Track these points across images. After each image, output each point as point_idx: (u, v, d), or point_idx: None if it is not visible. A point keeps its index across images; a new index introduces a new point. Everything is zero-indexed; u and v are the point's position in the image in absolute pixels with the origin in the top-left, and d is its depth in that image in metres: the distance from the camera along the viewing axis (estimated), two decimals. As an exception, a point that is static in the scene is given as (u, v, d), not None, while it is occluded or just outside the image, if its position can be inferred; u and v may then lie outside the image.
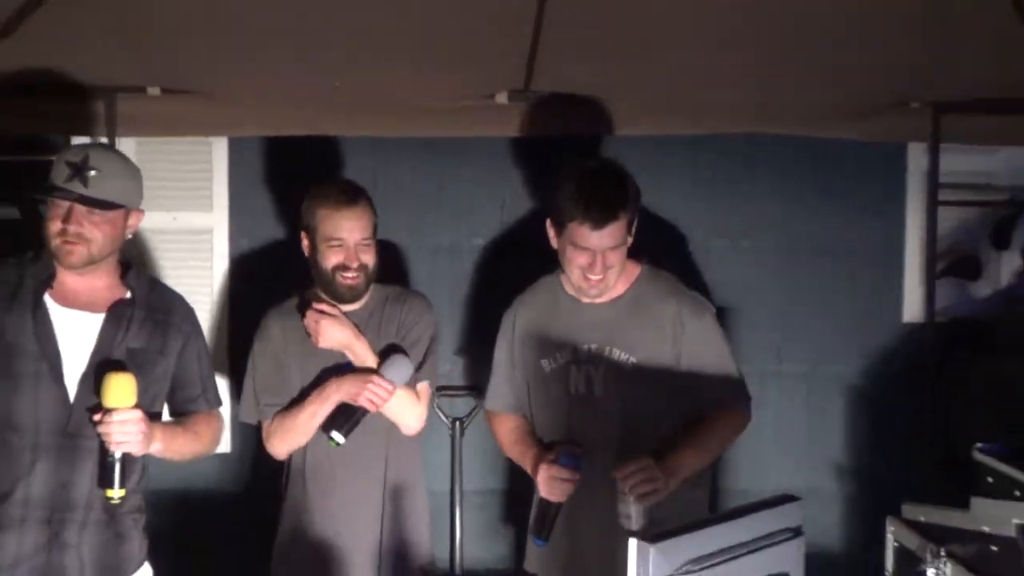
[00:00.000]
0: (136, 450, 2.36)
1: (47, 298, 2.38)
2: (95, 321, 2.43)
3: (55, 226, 2.35)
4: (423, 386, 2.84)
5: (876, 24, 2.89)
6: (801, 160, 3.71)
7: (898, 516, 2.28)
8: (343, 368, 2.78)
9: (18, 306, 2.35)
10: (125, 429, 2.32)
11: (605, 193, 2.60)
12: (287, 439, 2.79)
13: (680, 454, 2.61)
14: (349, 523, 2.80)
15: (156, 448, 2.43)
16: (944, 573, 2.04)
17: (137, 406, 2.33)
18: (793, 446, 3.71)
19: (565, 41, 2.98)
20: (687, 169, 3.60)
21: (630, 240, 2.69)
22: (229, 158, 3.73)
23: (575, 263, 2.64)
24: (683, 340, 2.70)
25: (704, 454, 2.71)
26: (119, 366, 2.38)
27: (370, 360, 2.76)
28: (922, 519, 2.20)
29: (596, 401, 2.71)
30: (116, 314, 2.46)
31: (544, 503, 2.62)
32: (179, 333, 2.60)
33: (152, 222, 3.70)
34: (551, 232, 2.74)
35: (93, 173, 2.36)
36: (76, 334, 2.40)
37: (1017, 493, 1.88)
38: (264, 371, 2.84)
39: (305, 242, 2.82)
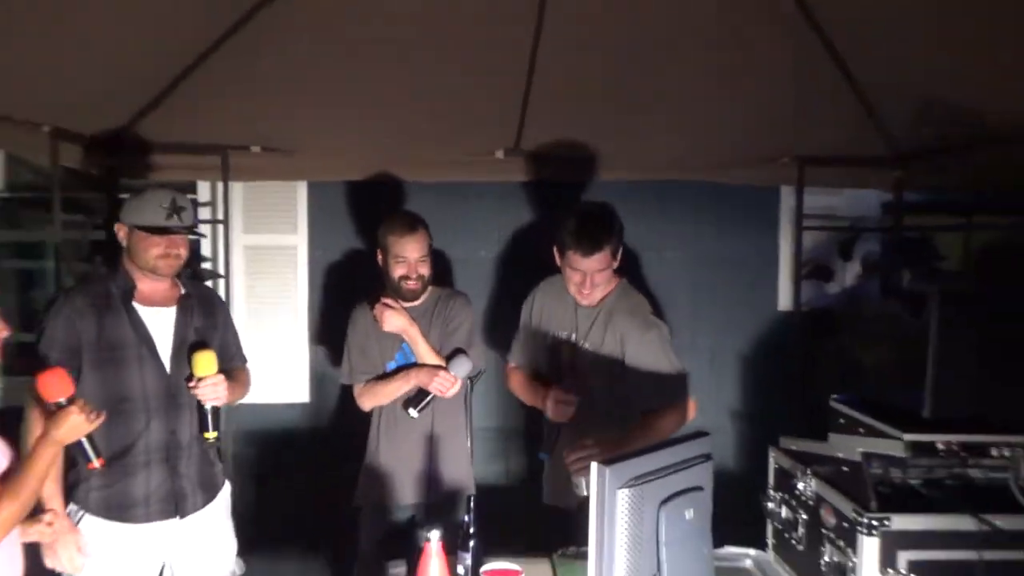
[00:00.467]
0: (222, 404, 2.41)
1: (134, 302, 2.36)
2: (170, 313, 2.42)
3: (158, 250, 2.32)
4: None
5: (758, 105, 2.90)
6: (707, 197, 3.69)
7: (777, 446, 2.28)
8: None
9: (114, 311, 2.32)
10: (215, 391, 2.37)
11: (593, 229, 2.46)
12: (374, 400, 2.79)
13: (625, 438, 2.38)
14: (406, 458, 2.79)
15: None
16: (810, 486, 2.03)
17: (218, 372, 2.37)
18: (704, 397, 3.69)
19: (543, 115, 2.99)
20: (630, 203, 3.52)
21: (615, 264, 2.56)
22: (308, 196, 3.70)
23: (571, 281, 2.55)
24: (627, 348, 2.53)
25: (642, 441, 2.31)
26: (202, 345, 2.41)
27: (420, 342, 2.73)
28: (794, 448, 2.19)
29: (579, 374, 2.61)
30: (183, 306, 2.45)
31: (550, 425, 2.60)
32: (220, 313, 2.61)
33: (255, 241, 3.70)
34: (557, 255, 2.60)
35: (184, 212, 2.36)
36: (160, 324, 2.40)
37: (861, 430, 1.88)
38: (355, 351, 2.83)
39: (380, 257, 2.79)
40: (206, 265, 3.63)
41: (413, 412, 2.66)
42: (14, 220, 3.75)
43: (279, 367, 3.70)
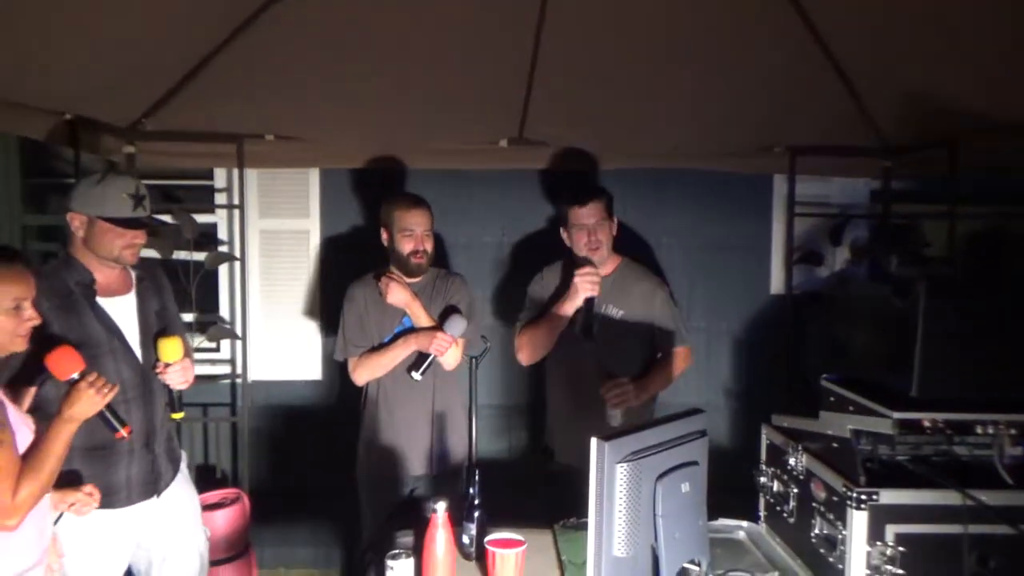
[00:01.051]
0: (188, 386, 2.34)
1: (96, 296, 2.21)
2: (130, 300, 2.30)
3: (124, 240, 2.18)
4: (462, 338, 2.76)
5: (751, 96, 2.88)
6: (702, 185, 3.66)
7: (769, 423, 2.26)
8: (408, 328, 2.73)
9: (78, 309, 2.16)
10: (184, 375, 2.30)
11: (584, 185, 2.91)
12: (370, 372, 2.74)
13: (647, 378, 2.75)
14: (409, 433, 2.76)
15: None
16: (801, 461, 2.02)
17: (183, 356, 2.29)
18: (698, 376, 3.70)
19: (543, 106, 2.97)
20: (628, 190, 3.55)
21: (614, 229, 2.78)
22: (320, 183, 3.68)
23: (579, 242, 2.71)
24: (643, 307, 2.76)
25: (660, 379, 2.81)
26: (166, 332, 2.30)
27: (422, 316, 2.70)
28: (786, 424, 2.17)
29: (594, 337, 2.68)
30: (140, 291, 2.33)
31: (586, 304, 2.63)
32: (166, 287, 2.47)
33: (269, 226, 3.68)
34: (564, 235, 2.80)
35: (146, 201, 2.23)
36: (123, 314, 2.26)
37: (851, 408, 1.86)
38: (351, 324, 2.77)
39: (385, 235, 2.76)
40: (223, 248, 3.61)
41: (416, 375, 2.63)
42: (41, 204, 3.73)
43: (292, 346, 3.69)
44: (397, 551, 1.79)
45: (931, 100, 2.65)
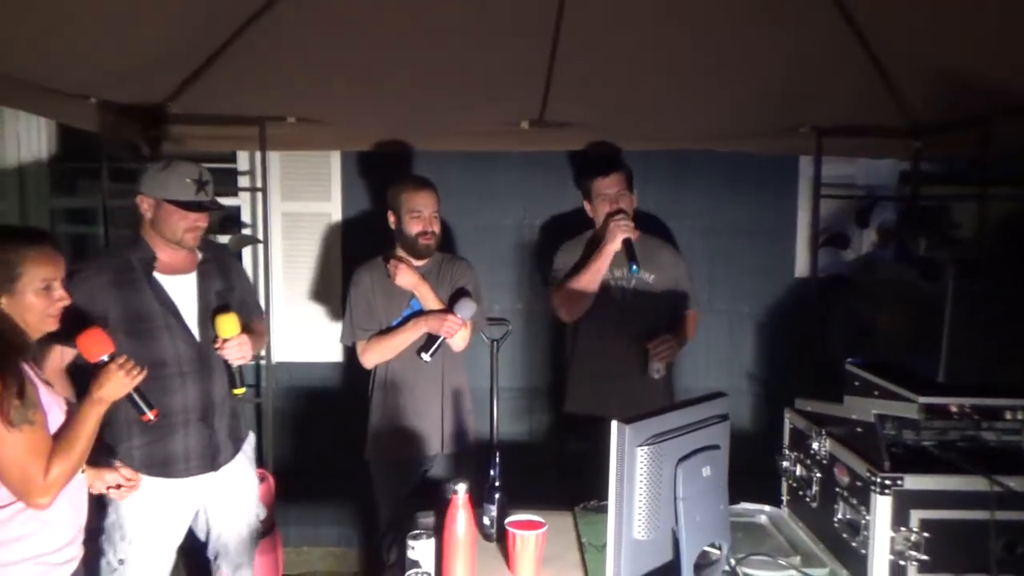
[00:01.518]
0: (246, 361, 2.43)
1: (155, 273, 2.33)
2: (190, 280, 2.40)
3: (187, 222, 2.30)
4: (470, 320, 2.78)
5: (777, 74, 2.82)
6: (725, 167, 3.60)
7: (792, 407, 2.24)
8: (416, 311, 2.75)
9: (136, 284, 2.29)
10: (240, 350, 2.39)
11: (604, 156, 3.08)
12: (379, 354, 2.75)
13: (678, 336, 2.94)
14: (421, 414, 2.77)
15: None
16: (824, 445, 2.00)
17: (241, 332, 2.38)
18: (721, 359, 3.68)
19: (565, 88, 2.94)
20: (649, 172, 3.52)
21: (634, 201, 2.94)
22: (341, 165, 3.68)
23: (603, 211, 2.89)
24: (678, 269, 3.02)
25: (686, 334, 3.04)
26: (224, 308, 2.39)
27: (431, 298, 2.71)
28: (809, 409, 2.16)
29: (626, 304, 2.91)
30: (203, 271, 2.43)
31: (626, 245, 2.79)
32: (235, 271, 2.59)
33: (291, 208, 3.70)
34: (588, 208, 2.99)
35: (209, 186, 2.33)
36: (182, 292, 2.37)
37: (876, 393, 1.84)
38: (358, 307, 2.78)
39: (392, 218, 2.78)
40: (246, 231, 3.64)
41: (426, 356, 2.65)
42: (69, 187, 3.78)
43: (314, 328, 3.71)
44: (418, 531, 1.80)
45: (962, 78, 2.58)
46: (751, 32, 2.55)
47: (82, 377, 2.21)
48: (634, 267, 2.79)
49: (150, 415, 2.08)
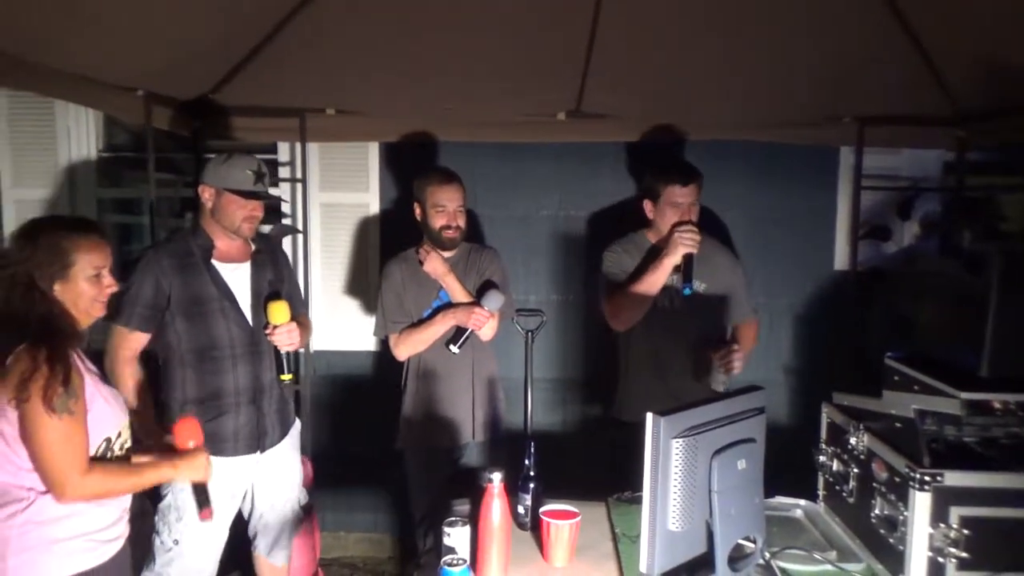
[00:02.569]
0: (294, 348, 2.53)
1: (212, 260, 2.45)
2: (245, 268, 2.51)
3: (244, 212, 2.41)
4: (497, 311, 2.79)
5: (818, 63, 2.78)
6: (764, 157, 3.56)
7: (830, 401, 2.22)
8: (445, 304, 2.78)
9: (196, 269, 2.41)
10: (290, 337, 2.49)
11: (685, 164, 2.82)
12: (411, 347, 2.79)
13: (743, 348, 2.73)
14: (452, 403, 2.81)
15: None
16: (862, 440, 1.98)
17: (290, 320, 2.48)
18: (757, 353, 3.61)
19: (602, 78, 2.92)
20: (688, 160, 3.50)
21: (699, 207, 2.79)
22: (379, 156, 3.70)
23: (671, 219, 2.71)
24: (736, 277, 2.88)
25: (748, 344, 2.93)
26: (276, 296, 2.50)
27: (457, 289, 2.74)
28: (847, 403, 2.13)
29: (675, 311, 2.75)
30: (256, 262, 2.54)
31: (685, 260, 2.65)
32: (285, 266, 2.69)
33: (330, 199, 3.74)
34: (647, 207, 2.80)
35: (266, 178, 2.45)
36: (237, 279, 2.49)
37: (916, 388, 1.81)
38: (390, 301, 2.82)
39: (418, 210, 2.81)
40: (286, 221, 3.70)
41: (454, 348, 2.69)
42: (115, 178, 3.87)
43: (352, 317, 3.76)
44: (454, 518, 1.83)
45: (1009, 64, 2.51)
46: (792, 20, 2.51)
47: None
48: (687, 288, 2.65)
49: (206, 513, 2.05)
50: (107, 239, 1.91)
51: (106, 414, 1.86)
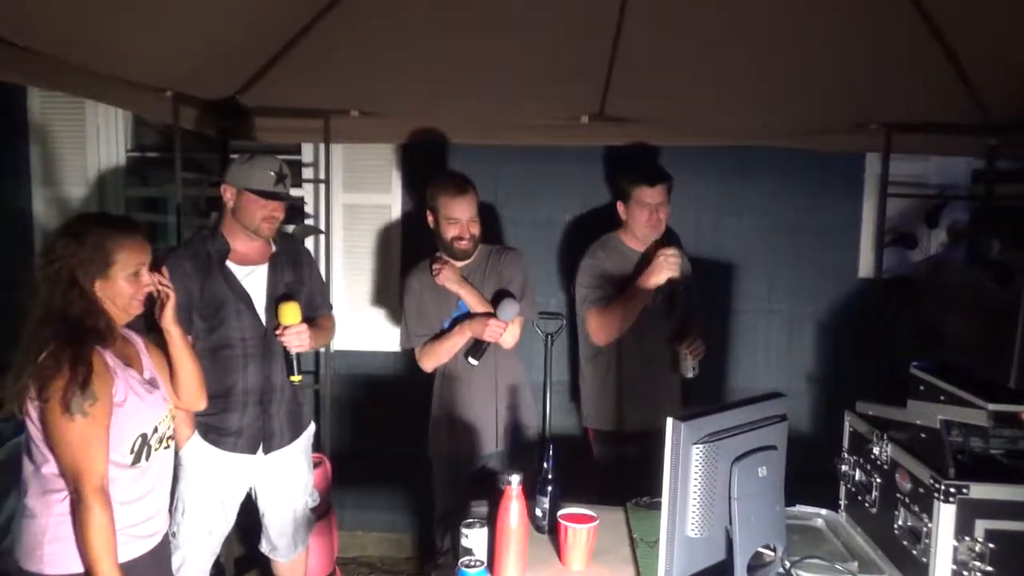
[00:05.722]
0: (304, 350, 2.53)
1: (228, 262, 2.47)
2: (262, 270, 2.52)
3: (264, 212, 2.43)
4: (518, 317, 2.76)
5: (845, 69, 2.75)
6: (788, 163, 3.53)
7: (853, 410, 2.19)
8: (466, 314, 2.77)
9: (212, 272, 2.43)
10: (299, 338, 2.49)
11: (653, 167, 2.96)
12: (434, 359, 2.80)
13: (697, 335, 2.92)
14: (478, 410, 2.80)
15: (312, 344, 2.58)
16: (886, 450, 1.95)
17: (301, 321, 2.49)
18: (780, 360, 3.62)
19: (626, 82, 2.92)
20: (711, 168, 3.49)
21: (669, 211, 2.92)
22: (402, 158, 3.72)
23: (640, 219, 2.88)
24: (688, 279, 2.99)
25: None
26: (288, 297, 2.51)
27: (472, 300, 2.72)
28: (870, 413, 2.10)
29: (651, 308, 2.86)
30: (274, 263, 2.55)
31: (668, 282, 2.81)
32: (307, 267, 2.69)
33: (353, 200, 3.77)
34: (620, 209, 2.96)
35: (287, 180, 2.47)
36: (254, 281, 2.50)
37: (942, 398, 1.78)
38: (411, 314, 2.82)
39: (431, 218, 2.78)
40: (309, 221, 3.72)
41: (473, 360, 2.69)
42: (143, 177, 3.93)
43: (373, 317, 3.78)
44: (472, 520, 1.83)
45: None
46: (820, 26, 2.49)
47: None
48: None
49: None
50: (147, 240, 1.95)
51: (140, 411, 1.87)
